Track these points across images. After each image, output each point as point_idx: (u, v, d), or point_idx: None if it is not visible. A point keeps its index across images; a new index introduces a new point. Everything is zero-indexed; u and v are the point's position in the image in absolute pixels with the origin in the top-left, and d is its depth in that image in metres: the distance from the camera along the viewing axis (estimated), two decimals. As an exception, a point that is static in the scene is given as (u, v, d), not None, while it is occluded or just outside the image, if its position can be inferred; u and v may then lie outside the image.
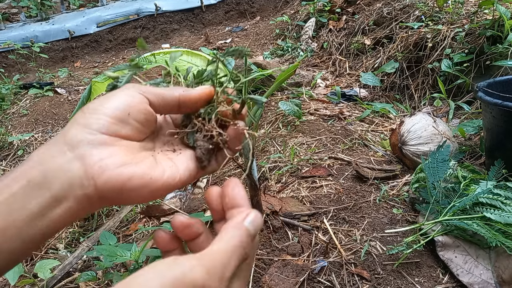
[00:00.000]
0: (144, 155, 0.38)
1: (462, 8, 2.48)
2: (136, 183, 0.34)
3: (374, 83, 2.41)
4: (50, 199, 0.32)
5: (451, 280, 1.15)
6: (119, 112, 0.36)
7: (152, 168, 0.36)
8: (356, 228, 1.38)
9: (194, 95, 0.41)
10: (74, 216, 0.34)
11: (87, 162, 0.33)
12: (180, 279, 0.28)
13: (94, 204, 0.34)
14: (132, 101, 0.37)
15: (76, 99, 3.33)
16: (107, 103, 0.37)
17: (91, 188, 0.33)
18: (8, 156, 2.62)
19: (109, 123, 0.35)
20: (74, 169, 0.33)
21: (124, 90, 0.38)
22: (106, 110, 0.36)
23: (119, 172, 0.34)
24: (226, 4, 5.25)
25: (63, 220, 0.33)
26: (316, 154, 1.89)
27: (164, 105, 0.40)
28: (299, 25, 3.93)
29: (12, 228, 0.31)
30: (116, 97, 0.37)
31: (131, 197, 0.35)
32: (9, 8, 5.67)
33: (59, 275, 1.38)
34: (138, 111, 0.37)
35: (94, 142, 0.34)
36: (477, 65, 2.14)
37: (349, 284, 1.17)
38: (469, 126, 1.76)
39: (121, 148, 0.36)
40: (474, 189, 1.23)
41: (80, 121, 0.36)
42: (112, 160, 0.34)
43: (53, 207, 0.33)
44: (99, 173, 0.33)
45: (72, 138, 0.34)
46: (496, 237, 1.05)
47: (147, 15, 4.98)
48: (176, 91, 0.40)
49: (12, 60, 4.24)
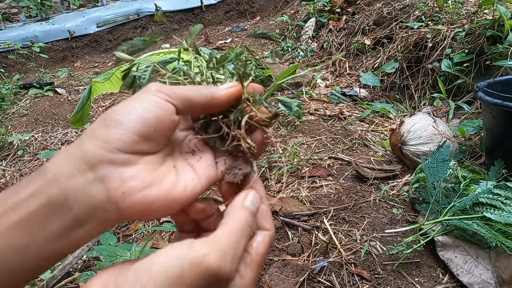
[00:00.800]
0: (166, 168, 0.36)
1: (462, 8, 2.48)
2: (159, 205, 0.34)
3: (374, 83, 2.41)
4: (71, 222, 0.31)
5: (451, 280, 1.15)
6: (145, 128, 0.34)
7: (174, 187, 0.35)
8: (356, 228, 1.38)
9: (222, 98, 0.38)
10: (94, 235, 0.33)
11: (110, 186, 0.32)
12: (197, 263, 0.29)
13: (115, 222, 0.34)
14: (160, 115, 0.34)
15: (76, 99, 3.33)
16: (132, 114, 0.34)
17: (113, 212, 0.32)
18: (8, 156, 2.62)
19: (133, 141, 0.33)
20: (96, 193, 0.32)
21: (150, 97, 0.35)
22: (131, 124, 0.33)
23: (142, 196, 0.33)
24: (226, 4, 5.26)
25: (83, 239, 0.33)
26: (316, 154, 1.89)
27: (190, 110, 0.38)
28: (299, 25, 3.93)
29: (33, 247, 0.31)
30: (142, 107, 0.34)
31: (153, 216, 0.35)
32: (9, 8, 5.67)
33: (59, 275, 1.38)
34: (165, 126, 0.35)
35: (115, 163, 0.32)
36: (477, 65, 2.14)
37: (349, 284, 1.17)
38: (469, 126, 1.76)
39: (144, 166, 0.34)
40: (474, 189, 1.23)
41: (101, 135, 0.33)
42: (135, 183, 0.33)
43: (74, 228, 0.32)
44: (122, 198, 0.32)
45: (92, 155, 0.32)
46: (496, 237, 1.05)
47: (147, 15, 4.98)
48: (204, 95, 0.37)
49: (12, 60, 4.24)
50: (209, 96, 0.38)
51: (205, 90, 0.38)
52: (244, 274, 0.33)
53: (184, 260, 0.29)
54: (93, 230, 0.33)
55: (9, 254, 0.30)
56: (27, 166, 2.44)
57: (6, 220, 0.31)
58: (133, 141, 0.33)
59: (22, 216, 0.31)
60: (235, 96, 0.39)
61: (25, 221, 0.31)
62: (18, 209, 0.31)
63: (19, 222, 0.30)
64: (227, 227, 0.33)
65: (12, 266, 0.31)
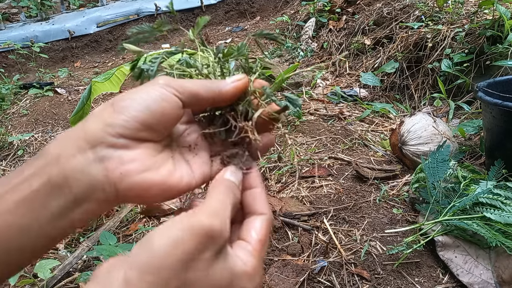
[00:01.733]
0: (164, 157, 0.37)
1: (462, 8, 2.48)
2: (155, 191, 0.35)
3: (374, 83, 2.41)
4: (71, 201, 0.32)
5: (451, 280, 1.15)
6: (150, 118, 0.34)
7: (171, 175, 0.36)
8: (356, 228, 1.38)
9: (229, 92, 0.38)
10: (93, 215, 0.34)
11: (109, 166, 0.33)
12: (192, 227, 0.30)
13: (113, 204, 0.35)
14: (166, 107, 0.35)
15: (76, 99, 3.33)
16: (138, 103, 0.34)
17: (112, 193, 0.33)
18: (8, 156, 2.62)
19: (135, 129, 0.34)
20: (95, 172, 0.32)
21: (158, 89, 0.35)
22: (135, 113, 0.34)
23: (140, 179, 0.34)
24: (226, 4, 5.25)
25: (83, 219, 0.33)
26: (316, 154, 1.89)
27: (196, 104, 0.38)
28: (299, 25, 3.93)
29: (35, 226, 0.31)
30: (150, 97, 0.35)
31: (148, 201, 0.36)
32: (9, 8, 5.67)
33: (59, 275, 1.38)
34: (170, 118, 0.36)
35: (116, 146, 0.33)
36: (477, 65, 2.14)
37: (349, 284, 1.17)
38: (469, 126, 1.76)
39: (143, 150, 0.35)
40: (474, 189, 1.23)
41: (105, 117, 0.34)
42: (133, 165, 0.34)
43: (73, 208, 0.32)
44: (120, 179, 0.33)
45: (93, 136, 0.33)
46: (496, 237, 1.05)
47: (147, 15, 4.98)
48: (211, 89, 0.38)
49: (12, 60, 4.24)
50: (216, 90, 0.38)
51: (213, 84, 0.38)
52: (246, 260, 0.33)
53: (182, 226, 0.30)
54: (92, 210, 0.33)
55: (12, 233, 0.31)
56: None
57: (9, 199, 0.31)
58: (136, 129, 0.34)
59: (24, 195, 0.31)
60: (242, 89, 0.39)
61: (27, 200, 0.31)
62: (20, 188, 0.31)
63: (21, 202, 0.31)
64: (213, 196, 0.34)
65: (16, 245, 0.31)
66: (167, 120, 0.36)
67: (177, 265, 0.29)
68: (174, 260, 0.29)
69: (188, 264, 0.29)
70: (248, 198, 0.38)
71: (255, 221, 0.36)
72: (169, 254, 0.29)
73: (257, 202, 0.38)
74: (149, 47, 4.82)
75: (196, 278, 0.30)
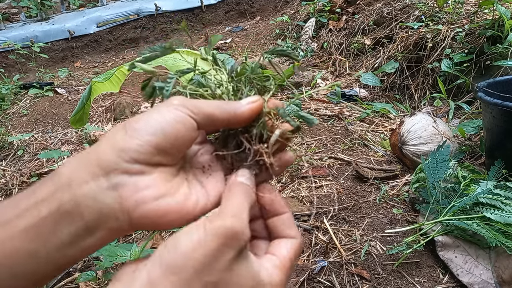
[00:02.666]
0: (178, 181, 0.36)
1: (462, 8, 2.48)
2: (171, 218, 0.33)
3: (374, 83, 2.41)
4: (82, 229, 0.31)
5: (451, 280, 1.15)
6: (164, 142, 0.33)
7: (187, 200, 0.35)
8: (356, 228, 1.38)
9: (245, 114, 0.37)
10: (104, 243, 0.33)
11: (123, 194, 0.32)
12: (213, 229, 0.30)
13: (126, 232, 0.34)
14: (180, 129, 0.34)
15: (76, 99, 3.33)
16: (152, 126, 0.33)
17: (126, 221, 0.32)
18: (8, 156, 2.62)
19: (150, 154, 0.33)
20: (108, 200, 0.31)
21: (173, 110, 0.34)
22: (149, 138, 0.33)
23: (155, 206, 0.32)
24: (226, 4, 5.25)
25: (94, 247, 0.32)
26: (316, 154, 1.89)
27: (211, 126, 0.37)
28: (299, 25, 3.93)
29: (43, 253, 0.30)
30: (165, 120, 0.34)
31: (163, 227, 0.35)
32: (9, 8, 5.67)
33: (59, 275, 1.38)
34: (184, 141, 0.35)
35: (130, 172, 0.32)
36: (477, 65, 2.14)
37: (349, 284, 1.17)
38: (469, 126, 1.76)
39: (158, 175, 0.34)
40: (474, 189, 1.23)
41: (118, 141, 0.33)
42: (148, 192, 0.32)
43: (84, 236, 0.31)
44: (134, 207, 0.32)
45: (106, 162, 0.32)
46: (496, 237, 1.05)
47: (147, 15, 4.98)
48: (226, 111, 0.37)
49: (12, 60, 4.24)
50: (231, 112, 0.37)
51: (228, 106, 0.37)
52: (272, 272, 0.33)
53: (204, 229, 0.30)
54: (104, 238, 0.32)
55: (19, 259, 0.30)
56: (27, 166, 2.44)
57: (18, 224, 0.30)
58: (150, 153, 0.33)
59: (34, 221, 0.30)
60: (257, 111, 0.38)
61: (36, 226, 0.30)
62: (29, 214, 0.30)
63: (30, 227, 0.30)
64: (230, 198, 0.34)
65: (22, 271, 0.30)
66: (181, 143, 0.35)
67: (200, 265, 0.29)
68: (197, 260, 0.29)
69: (211, 264, 0.29)
70: (277, 223, 0.38)
71: (286, 242, 0.36)
72: (193, 255, 0.29)
73: (287, 227, 0.37)
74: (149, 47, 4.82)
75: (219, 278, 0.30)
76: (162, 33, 4.99)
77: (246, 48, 4.14)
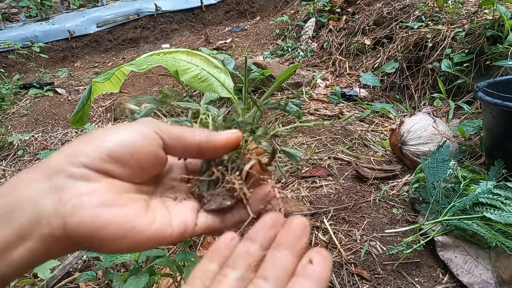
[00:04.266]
0: (134, 197, 0.33)
1: (462, 8, 2.48)
2: (113, 232, 0.29)
3: (374, 83, 2.40)
4: (13, 235, 0.28)
5: (451, 280, 1.15)
6: (120, 150, 0.31)
7: (139, 216, 0.31)
8: (356, 228, 1.38)
9: (219, 141, 0.35)
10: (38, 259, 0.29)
11: (62, 197, 0.29)
12: None
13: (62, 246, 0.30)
14: (141, 142, 0.32)
15: (76, 99, 3.33)
16: (111, 135, 0.32)
17: (59, 229, 0.28)
18: (8, 156, 2.62)
19: (101, 160, 0.31)
20: (45, 202, 0.29)
21: (138, 125, 0.33)
22: (105, 144, 0.31)
23: (94, 214, 0.29)
24: (226, 4, 5.25)
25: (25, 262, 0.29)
26: (316, 154, 1.89)
27: (181, 149, 0.35)
28: (299, 25, 3.93)
29: None
30: (125, 131, 0.32)
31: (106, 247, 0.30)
32: (9, 8, 5.67)
33: (59, 275, 1.38)
34: (145, 155, 0.33)
35: (75, 176, 0.30)
36: (477, 65, 2.14)
37: (349, 284, 1.17)
38: (469, 126, 1.76)
39: (106, 185, 0.31)
40: (474, 189, 1.23)
41: (73, 148, 0.31)
42: (90, 198, 0.29)
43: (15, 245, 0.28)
44: (71, 212, 0.28)
45: (54, 166, 0.30)
46: (496, 237, 1.05)
47: (147, 15, 4.98)
48: (198, 135, 0.35)
49: (12, 60, 4.24)
50: (204, 137, 0.35)
51: (202, 132, 0.35)
52: None
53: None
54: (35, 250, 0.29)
55: None
56: (27, 166, 2.44)
57: None
58: (101, 160, 0.31)
59: None
60: (234, 142, 0.36)
61: None
62: None
63: None
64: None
65: None
66: (143, 157, 0.32)
67: None
68: None
69: None
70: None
71: None
72: None
73: None
74: (149, 47, 4.82)
75: None
76: (162, 33, 4.99)
77: (246, 48, 4.14)
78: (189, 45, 4.55)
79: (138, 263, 1.06)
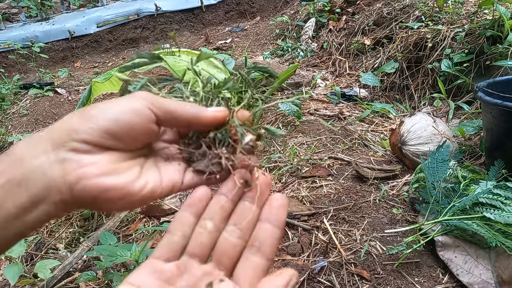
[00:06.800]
0: (130, 164, 0.37)
1: (462, 8, 2.48)
2: (112, 196, 0.34)
3: (374, 83, 2.41)
4: (27, 201, 0.32)
5: (451, 280, 1.15)
6: (117, 128, 0.35)
7: (133, 181, 0.36)
8: (356, 228, 1.38)
9: (207, 117, 0.39)
10: (49, 218, 0.34)
11: (67, 168, 0.33)
12: None
13: (70, 207, 0.35)
14: (137, 119, 0.36)
15: (76, 99, 3.34)
16: (108, 112, 0.35)
17: (67, 195, 0.33)
18: (8, 156, 2.62)
19: (100, 137, 0.35)
20: (53, 173, 0.33)
21: (133, 101, 0.36)
22: (102, 122, 0.35)
23: (96, 182, 0.34)
24: (226, 4, 5.26)
25: (39, 222, 0.34)
26: (316, 154, 1.89)
27: (172, 122, 0.39)
28: (299, 25, 3.93)
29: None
30: (121, 107, 0.36)
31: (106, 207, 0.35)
32: (9, 8, 5.67)
33: (59, 275, 1.38)
34: (139, 131, 0.36)
35: (77, 150, 0.34)
36: (477, 65, 2.14)
37: (349, 284, 1.17)
38: (469, 126, 1.76)
39: (106, 157, 0.35)
40: (474, 189, 1.23)
41: (72, 124, 0.35)
42: (91, 169, 0.34)
43: (29, 209, 0.32)
44: (76, 180, 0.33)
45: (57, 140, 0.34)
46: (496, 237, 1.05)
47: (147, 15, 4.98)
48: (188, 111, 0.38)
49: (12, 60, 4.24)
50: (194, 113, 0.38)
51: (191, 107, 0.39)
52: None
53: None
54: (48, 212, 0.34)
55: None
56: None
57: None
58: (100, 137, 0.35)
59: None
60: (220, 120, 0.40)
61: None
62: None
63: None
64: None
65: None
66: (138, 132, 0.36)
67: None
68: None
69: None
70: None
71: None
72: None
73: None
74: (149, 47, 4.82)
75: None
76: (162, 33, 4.99)
77: (246, 48, 4.14)
78: (189, 45, 4.55)
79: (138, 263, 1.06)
